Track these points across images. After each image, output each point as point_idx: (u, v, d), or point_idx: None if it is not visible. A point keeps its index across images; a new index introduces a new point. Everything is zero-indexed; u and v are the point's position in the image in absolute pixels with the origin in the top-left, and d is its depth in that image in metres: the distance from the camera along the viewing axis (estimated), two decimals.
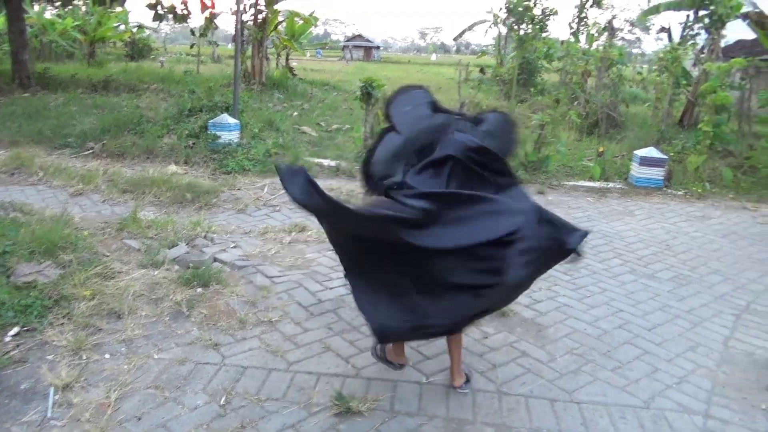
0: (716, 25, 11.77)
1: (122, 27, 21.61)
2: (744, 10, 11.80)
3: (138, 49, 22.71)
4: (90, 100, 10.12)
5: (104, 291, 3.40)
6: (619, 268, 4.55)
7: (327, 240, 4.64)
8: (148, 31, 26.11)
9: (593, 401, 2.73)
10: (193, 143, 7.24)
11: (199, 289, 3.56)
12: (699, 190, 7.33)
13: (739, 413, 2.71)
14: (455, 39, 23.95)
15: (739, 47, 17.68)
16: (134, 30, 23.19)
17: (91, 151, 7.09)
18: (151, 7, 12.59)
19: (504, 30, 15.01)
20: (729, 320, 3.71)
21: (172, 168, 6.48)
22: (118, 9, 19.35)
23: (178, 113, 8.21)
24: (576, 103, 11.88)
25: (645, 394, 2.80)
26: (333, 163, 7.18)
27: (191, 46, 19.40)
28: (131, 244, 4.21)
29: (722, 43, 12.77)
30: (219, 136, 7.25)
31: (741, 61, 8.91)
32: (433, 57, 61.73)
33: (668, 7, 13.43)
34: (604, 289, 4.10)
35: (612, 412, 2.66)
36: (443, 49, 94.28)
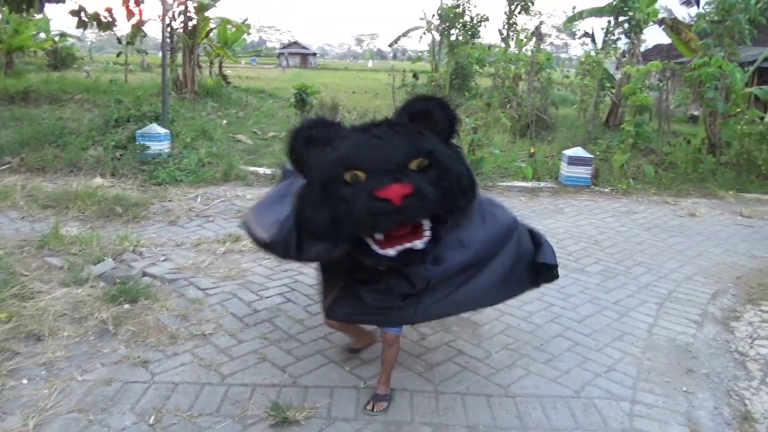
0: (635, 30, 12.43)
1: (43, 35, 20.57)
2: (660, 16, 12.51)
3: (61, 58, 21.67)
4: (7, 112, 9.58)
5: (22, 313, 3.21)
6: None
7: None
8: (71, 40, 24.99)
9: (527, 394, 2.80)
10: (121, 155, 6.97)
11: (127, 306, 3.41)
12: (624, 187, 7.68)
13: (663, 396, 2.84)
14: (390, 45, 24.18)
15: (657, 51, 18.71)
16: (56, 38, 22.15)
17: (8, 165, 6.69)
18: (74, 14, 12.00)
19: (437, 36, 15.28)
20: (653, 309, 3.90)
21: (98, 181, 6.22)
22: (38, 16, 18.42)
23: (104, 124, 7.89)
24: (508, 106, 12.24)
25: (575, 384, 2.90)
26: (269, 171, 7.07)
27: (118, 55, 18.74)
28: (53, 261, 3.99)
29: (642, 48, 13.49)
30: (148, 147, 7.01)
31: (657, 64, 9.43)
32: (370, 63, 62.09)
33: (591, 13, 14.05)
34: None
35: (545, 403, 2.73)
36: (380, 55, 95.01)
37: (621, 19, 12.77)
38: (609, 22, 13.53)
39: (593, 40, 16.58)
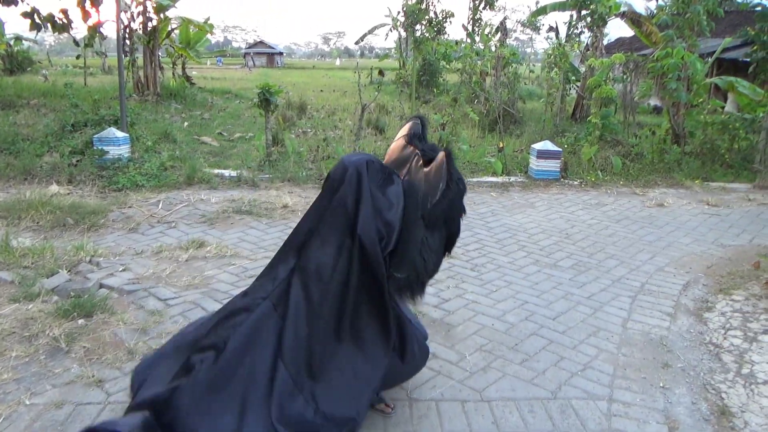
0: (597, 23, 12.54)
1: None
2: (622, 9, 12.65)
3: (17, 62, 20.94)
4: None
5: None
6: (524, 260, 4.64)
7: (227, 254, 4.44)
8: (28, 43, 24.18)
9: (503, 397, 2.71)
10: (78, 160, 6.69)
11: (81, 321, 3.22)
12: (593, 179, 7.71)
13: (640, 393, 2.79)
14: (357, 43, 24.02)
15: (620, 44, 19.00)
16: (11, 42, 21.38)
17: None
18: (27, 15, 11.52)
19: (403, 33, 15.19)
20: (626, 302, 3.87)
21: (54, 188, 5.94)
22: None
23: (60, 129, 7.59)
24: (476, 101, 12.22)
25: (552, 385, 2.82)
26: (234, 173, 6.88)
27: (77, 57, 18.16)
28: (2, 276, 3.76)
29: (605, 41, 13.62)
30: (107, 152, 6.74)
31: (620, 56, 9.49)
32: (338, 62, 61.77)
33: (554, 7, 14.16)
34: (510, 282, 4.15)
35: (521, 406, 2.65)
36: (348, 53, 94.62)
37: (584, 13, 12.89)
38: (572, 16, 13.66)
39: (557, 35, 16.72)
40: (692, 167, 8.42)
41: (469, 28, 16.60)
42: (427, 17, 14.82)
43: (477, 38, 14.77)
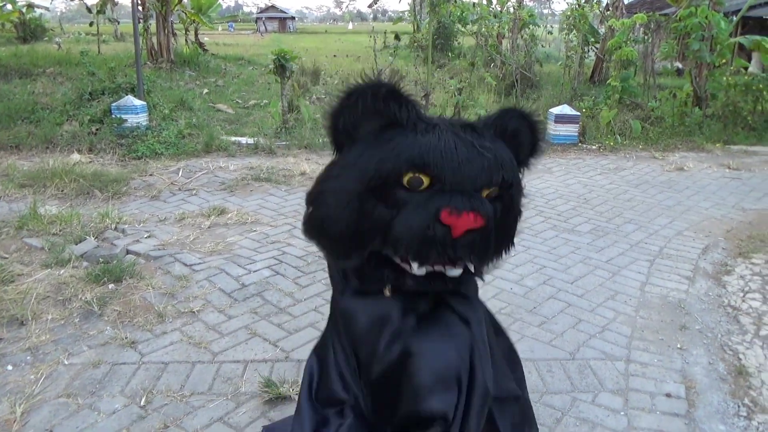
0: None
1: (9, 6, 19.79)
2: None
3: (30, 30, 20.93)
4: None
5: (3, 297, 3.11)
6: (541, 225, 4.66)
7: (248, 221, 4.52)
8: (40, 11, 24.10)
9: (522, 358, 2.75)
10: (97, 129, 6.76)
11: (111, 285, 3.33)
12: (611, 144, 7.63)
13: (657, 354, 2.84)
14: (370, 6, 23.63)
15: (641, 3, 18.45)
16: (23, 10, 21.34)
17: None
18: None
19: None
20: (644, 266, 3.89)
21: (75, 157, 6.03)
22: None
23: (77, 98, 7.63)
24: (493, 65, 12.05)
25: (570, 346, 2.88)
26: (251, 141, 6.92)
27: (90, 24, 18.10)
28: (32, 243, 3.88)
29: (626, 0, 13.28)
30: (125, 120, 6.80)
31: (642, 16, 9.27)
32: (350, 26, 60.91)
33: None
34: (528, 247, 4.19)
35: (540, 366, 2.72)
36: (360, 17, 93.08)
37: None
38: None
39: None
40: (714, 130, 8.29)
41: None
42: None
43: (494, 0, 14.44)
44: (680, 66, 13.42)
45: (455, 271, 1.50)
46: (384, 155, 1.51)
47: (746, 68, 10.15)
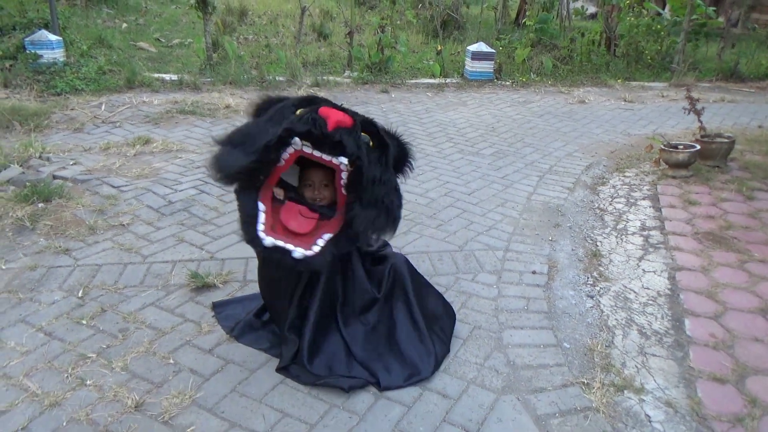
0: None
1: None
2: None
3: None
4: None
5: None
6: (450, 149, 5.11)
7: (174, 149, 4.72)
8: None
9: (418, 251, 3.24)
10: (11, 65, 6.59)
11: (41, 204, 3.52)
12: (524, 80, 8.15)
13: (532, 245, 3.37)
14: None
15: None
16: None
17: None
18: None
19: None
20: (534, 180, 4.42)
21: None
22: None
23: None
24: (420, 6, 12.22)
25: (460, 241, 3.37)
26: (175, 77, 6.95)
27: None
28: None
29: None
30: (40, 56, 6.66)
31: None
32: None
33: None
34: (435, 167, 4.63)
35: (432, 257, 3.19)
36: None
37: None
38: None
39: None
40: (618, 68, 8.96)
41: None
42: None
43: None
44: (593, 9, 14.02)
45: (299, 252, 1.97)
46: (282, 101, 2.17)
47: (659, 14, 10.84)
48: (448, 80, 7.92)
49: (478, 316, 2.64)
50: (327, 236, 2.06)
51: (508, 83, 8.04)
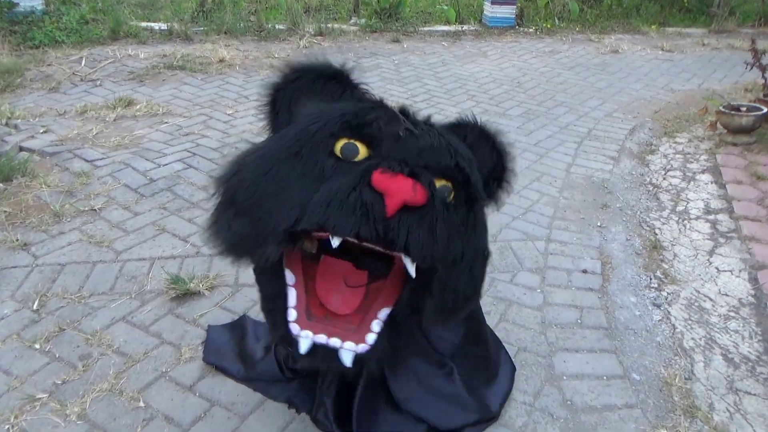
0: None
1: None
2: None
3: None
4: None
5: None
6: (473, 109, 4.50)
7: (159, 112, 4.15)
8: None
9: None
10: None
11: (0, 185, 3.01)
12: (549, 26, 7.40)
13: (577, 233, 2.84)
14: None
15: None
16: None
17: None
18: None
19: None
20: (571, 148, 3.85)
21: None
22: None
23: None
24: None
25: (493, 229, 2.84)
26: (165, 26, 6.28)
27: None
28: None
29: None
30: (16, 4, 5.99)
31: None
32: None
33: None
34: None
35: None
36: None
37: None
38: None
39: None
40: (650, 12, 8.15)
41: None
42: None
43: None
44: None
45: (359, 347, 1.20)
46: (317, 114, 1.26)
47: None
48: (465, 27, 7.18)
49: (523, 334, 2.15)
50: (383, 314, 1.29)
51: (531, 30, 7.29)
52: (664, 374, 1.96)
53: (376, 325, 1.26)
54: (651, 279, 2.48)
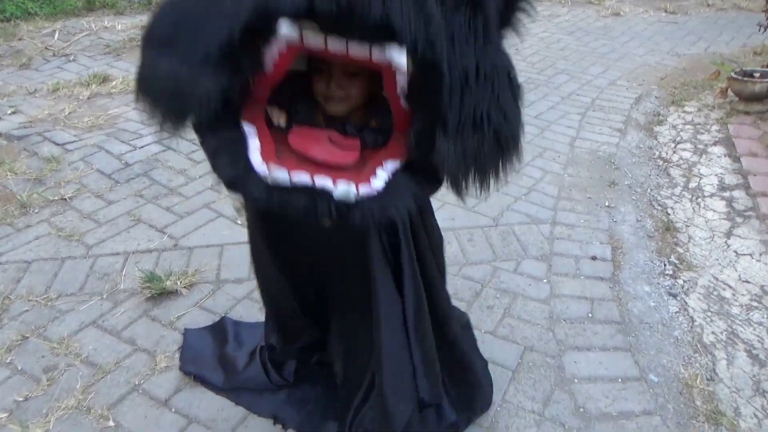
0: None
1: None
2: None
3: None
4: None
5: None
6: None
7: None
8: None
9: (441, 227, 2.53)
10: None
11: None
12: None
13: (584, 215, 2.66)
14: None
15: None
16: None
17: None
18: None
19: None
20: (575, 120, 3.63)
21: None
22: None
23: None
24: None
25: (493, 212, 2.65)
26: None
27: None
28: None
29: None
30: None
31: None
32: None
33: None
34: None
35: (460, 236, 2.49)
36: None
37: None
38: None
39: None
40: None
41: None
42: None
43: None
44: None
45: (367, 188, 0.96)
46: None
47: None
48: None
49: (529, 331, 1.98)
50: (392, 165, 1.04)
51: None
52: (684, 375, 1.80)
53: (381, 172, 1.00)
54: (665, 265, 2.31)
